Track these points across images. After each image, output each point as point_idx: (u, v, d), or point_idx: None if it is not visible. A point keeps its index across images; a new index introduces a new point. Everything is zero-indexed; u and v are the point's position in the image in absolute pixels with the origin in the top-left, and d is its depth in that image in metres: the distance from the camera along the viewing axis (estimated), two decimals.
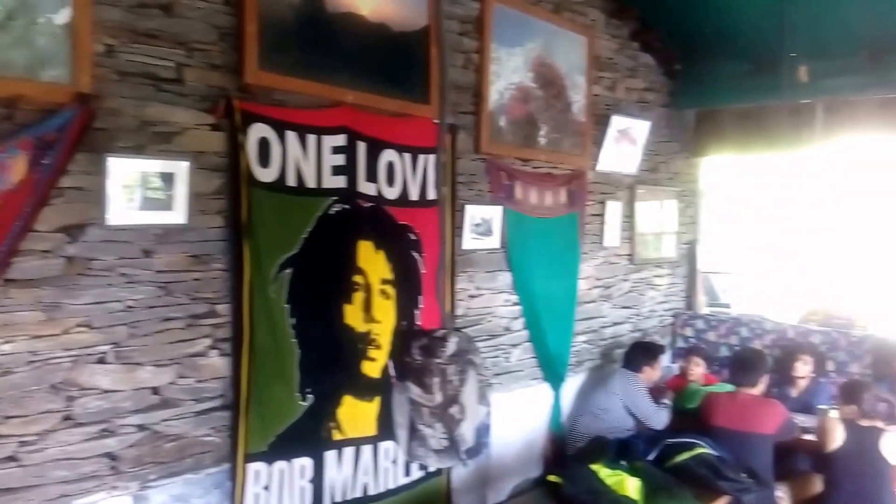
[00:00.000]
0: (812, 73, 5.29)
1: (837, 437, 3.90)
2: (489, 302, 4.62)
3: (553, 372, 5.09)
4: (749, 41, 5.53)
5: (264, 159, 3.25)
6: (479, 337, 4.53)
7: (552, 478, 3.84)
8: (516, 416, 4.84)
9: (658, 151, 6.19)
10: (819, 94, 5.68)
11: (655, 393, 5.25)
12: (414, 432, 2.54)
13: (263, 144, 3.24)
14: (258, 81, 3.19)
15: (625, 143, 5.59)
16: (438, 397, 2.45)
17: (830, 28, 5.10)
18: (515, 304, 4.80)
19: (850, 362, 5.37)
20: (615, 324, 5.79)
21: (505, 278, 4.71)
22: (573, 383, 5.33)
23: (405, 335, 2.58)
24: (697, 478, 3.79)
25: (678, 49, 5.95)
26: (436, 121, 3.99)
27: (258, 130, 3.22)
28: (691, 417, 4.79)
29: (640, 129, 5.62)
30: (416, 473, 4.11)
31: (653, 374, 5.09)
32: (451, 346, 2.46)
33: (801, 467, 4.54)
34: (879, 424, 3.89)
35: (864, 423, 3.93)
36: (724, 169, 6.99)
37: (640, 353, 5.13)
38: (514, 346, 4.84)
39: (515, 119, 4.68)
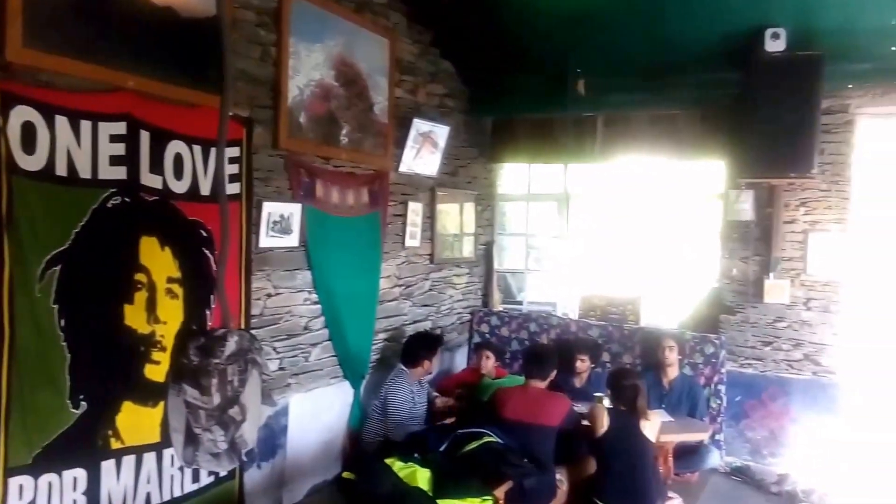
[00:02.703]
0: (592, 89, 5.75)
1: (604, 423, 4.26)
2: (288, 301, 4.54)
3: (353, 370, 5.11)
4: (539, 56, 5.90)
5: (29, 145, 2.97)
6: (276, 336, 4.46)
7: (346, 475, 3.85)
8: (315, 415, 4.81)
9: (458, 156, 6.43)
10: (599, 108, 6.23)
11: (451, 385, 5.46)
12: (190, 436, 2.42)
13: (28, 129, 2.96)
14: (22, 60, 2.91)
15: (426, 147, 5.74)
16: (216, 399, 2.35)
17: (610, 48, 5.57)
18: (315, 302, 4.77)
19: (623, 353, 5.89)
20: (415, 321, 5.93)
21: (305, 277, 4.66)
22: (373, 381, 5.38)
23: (182, 335, 2.45)
24: (484, 465, 3.95)
25: (476, 59, 6.20)
26: (229, 112, 3.87)
27: (21, 113, 2.94)
28: (486, 409, 5.01)
29: (440, 133, 5.80)
30: (206, 479, 3.95)
31: (431, 366, 5.24)
32: (231, 345, 2.37)
33: (580, 451, 4.91)
34: (637, 408, 4.30)
35: (624, 408, 4.32)
36: (520, 174, 7.40)
37: (418, 345, 5.23)
38: (314, 345, 4.79)
39: (316, 116, 4.64)
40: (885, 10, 4.62)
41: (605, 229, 7.71)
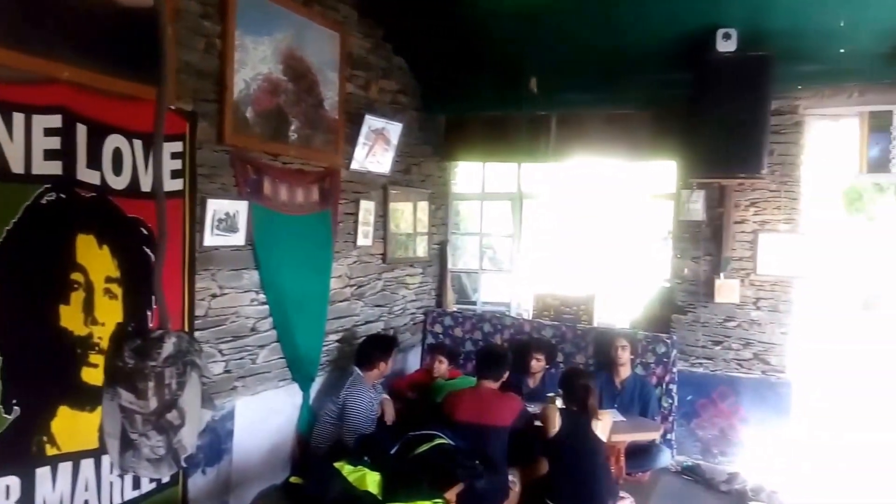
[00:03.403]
0: (546, 88, 5.74)
1: (557, 423, 4.25)
2: (234, 301, 4.41)
3: (302, 372, 5.00)
4: (493, 54, 5.86)
5: None
6: (222, 338, 4.33)
7: (294, 479, 3.74)
8: (262, 419, 4.70)
9: (411, 154, 6.36)
10: (552, 107, 6.22)
11: (404, 386, 5.39)
12: (126, 442, 2.31)
13: None
14: None
15: (379, 144, 5.65)
16: (153, 403, 2.25)
17: (564, 47, 5.56)
18: (263, 303, 4.64)
19: (576, 353, 5.90)
20: (367, 322, 5.83)
21: (252, 276, 4.54)
22: (324, 383, 5.28)
23: (116, 336, 2.34)
24: (435, 467, 3.90)
25: (430, 55, 6.14)
26: (170, 106, 3.76)
27: None
28: (438, 412, 4.95)
29: (393, 130, 5.71)
30: (148, 486, 3.81)
31: (387, 368, 5.15)
32: (169, 347, 2.27)
33: (533, 452, 4.89)
34: (588, 409, 4.29)
35: (576, 408, 4.31)
36: (475, 173, 7.36)
37: (373, 347, 5.15)
38: (262, 346, 4.67)
39: (263, 111, 4.52)
40: (834, 11, 4.68)
41: (559, 229, 7.73)
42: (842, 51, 5.02)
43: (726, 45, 4.96)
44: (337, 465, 3.75)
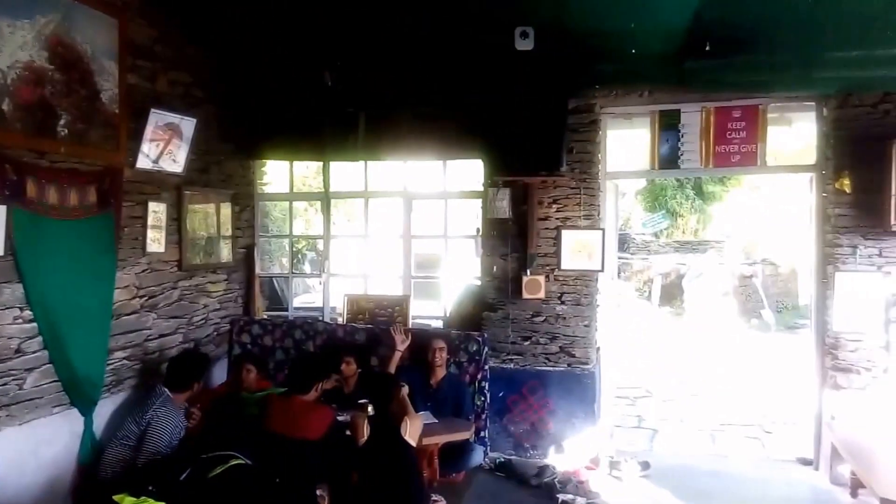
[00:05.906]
0: (355, 84, 5.56)
1: (365, 432, 4.09)
2: None
3: (82, 395, 4.48)
4: (296, 46, 5.58)
5: None
6: None
7: None
8: (34, 451, 4.17)
9: (210, 151, 5.92)
10: (362, 104, 6.07)
11: (206, 401, 5.01)
12: None
13: None
14: None
15: (173, 141, 5.20)
16: None
17: (371, 41, 5.39)
18: (30, 320, 4.12)
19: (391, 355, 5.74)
20: (162, 336, 5.34)
21: (14, 291, 4.01)
22: (110, 406, 4.77)
23: None
24: (231, 490, 3.59)
25: (228, 44, 5.75)
26: None
27: None
28: (244, 424, 4.63)
29: (186, 126, 5.27)
30: None
31: (199, 388, 4.82)
32: None
33: (344, 463, 4.69)
34: (391, 414, 4.17)
35: (382, 414, 4.16)
36: (284, 172, 7.04)
37: (185, 369, 4.79)
38: (30, 369, 4.13)
39: (25, 104, 4.01)
40: (626, 14, 4.77)
41: (371, 228, 7.57)
42: (633, 52, 5.19)
43: (524, 43, 4.95)
44: (117, 497, 3.35)
